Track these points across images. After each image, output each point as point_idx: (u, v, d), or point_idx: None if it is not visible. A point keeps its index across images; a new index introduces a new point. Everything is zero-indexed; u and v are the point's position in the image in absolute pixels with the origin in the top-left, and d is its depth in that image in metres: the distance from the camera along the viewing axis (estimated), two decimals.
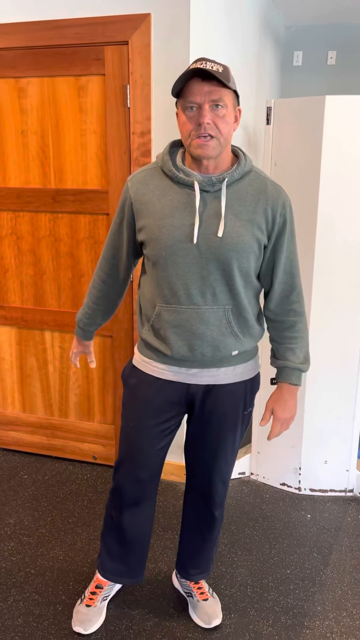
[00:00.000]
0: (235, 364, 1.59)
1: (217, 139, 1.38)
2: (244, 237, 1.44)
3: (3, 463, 2.85)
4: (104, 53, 2.27)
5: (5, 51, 2.38)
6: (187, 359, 1.55)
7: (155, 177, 1.50)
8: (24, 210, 2.56)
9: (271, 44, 4.09)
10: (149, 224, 1.48)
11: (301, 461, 2.58)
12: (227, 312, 1.50)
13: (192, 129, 1.37)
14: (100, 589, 1.90)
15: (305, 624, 1.89)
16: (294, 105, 2.25)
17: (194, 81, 1.35)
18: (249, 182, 1.47)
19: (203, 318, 1.49)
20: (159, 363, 1.59)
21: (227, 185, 1.44)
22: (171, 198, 1.46)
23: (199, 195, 1.43)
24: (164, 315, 1.51)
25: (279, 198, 1.47)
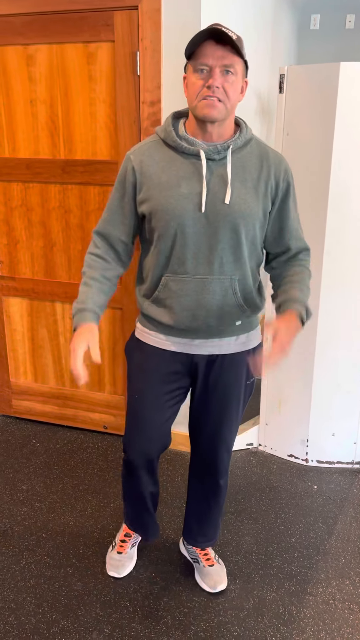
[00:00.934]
0: (238, 333, 1.62)
1: (224, 103, 1.38)
2: (250, 203, 1.46)
3: (16, 432, 2.92)
4: (114, 18, 2.22)
5: (13, 17, 2.33)
6: (191, 329, 1.57)
7: (158, 149, 1.50)
8: (34, 181, 2.55)
9: (287, 7, 3.95)
10: (154, 195, 1.47)
11: (309, 433, 2.60)
12: (234, 282, 1.52)
13: (200, 90, 1.37)
14: (129, 537, 2.01)
15: (309, 590, 1.93)
16: (307, 73, 2.19)
17: (207, 44, 1.35)
18: (251, 150, 1.50)
19: (209, 288, 1.51)
20: (162, 334, 1.62)
21: (232, 152, 1.46)
22: (177, 168, 1.46)
23: (205, 164, 1.44)
24: (171, 285, 1.53)
25: (281, 164, 1.51)
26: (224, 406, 1.69)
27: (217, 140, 1.46)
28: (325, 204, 2.28)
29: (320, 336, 2.45)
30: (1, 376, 2.98)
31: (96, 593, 1.91)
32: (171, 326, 1.58)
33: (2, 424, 2.99)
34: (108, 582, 1.96)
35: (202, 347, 1.61)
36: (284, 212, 1.54)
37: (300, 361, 2.53)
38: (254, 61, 3.13)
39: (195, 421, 1.77)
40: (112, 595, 1.90)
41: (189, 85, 1.41)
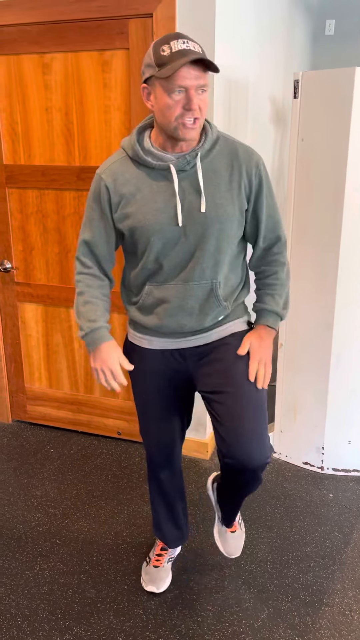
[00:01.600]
0: (223, 323, 1.63)
1: (200, 120, 1.41)
2: (226, 207, 1.48)
3: (30, 437, 2.93)
4: (128, 26, 2.23)
5: (29, 26, 2.36)
6: (176, 332, 1.60)
7: (128, 167, 1.50)
8: (49, 188, 2.57)
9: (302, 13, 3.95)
10: (132, 213, 1.49)
11: (324, 441, 2.57)
12: (215, 284, 1.54)
13: (179, 114, 1.38)
14: (166, 551, 2.00)
15: (324, 601, 1.90)
16: (322, 78, 2.18)
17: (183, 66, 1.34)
18: (220, 150, 1.50)
19: (191, 292, 1.54)
20: (151, 336, 1.65)
21: (201, 158, 1.47)
22: (149, 184, 1.48)
23: (177, 178, 1.46)
24: (155, 293, 1.56)
25: (252, 160, 1.51)
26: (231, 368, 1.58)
27: (187, 149, 1.47)
28: (340, 210, 2.26)
29: (335, 343, 2.42)
30: (16, 382, 3.00)
31: (109, 601, 1.90)
32: (157, 330, 1.61)
33: (17, 429, 3.01)
34: (121, 590, 1.95)
35: (191, 341, 1.63)
36: (259, 206, 1.54)
37: (316, 368, 2.50)
38: (269, 67, 3.13)
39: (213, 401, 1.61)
40: (125, 603, 1.89)
41: (162, 106, 1.38)
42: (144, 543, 2.17)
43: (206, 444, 2.69)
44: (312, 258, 2.38)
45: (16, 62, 2.44)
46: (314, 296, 2.42)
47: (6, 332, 2.92)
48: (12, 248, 2.75)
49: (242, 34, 2.53)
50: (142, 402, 1.75)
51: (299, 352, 2.53)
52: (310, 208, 2.34)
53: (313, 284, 2.41)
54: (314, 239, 2.36)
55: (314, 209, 2.33)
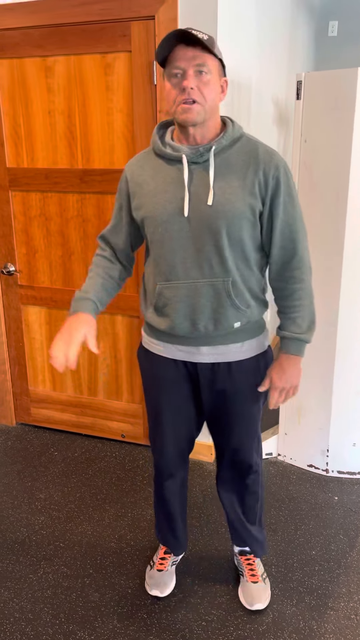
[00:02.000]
0: (242, 340, 1.59)
1: (201, 104, 1.38)
2: (235, 203, 1.43)
3: (34, 440, 2.92)
4: (131, 29, 2.23)
5: (31, 30, 2.36)
6: (192, 335, 1.56)
7: (150, 159, 1.54)
8: (52, 191, 2.57)
9: (305, 14, 3.95)
10: (145, 202, 1.51)
11: (329, 443, 2.55)
12: (226, 284, 1.50)
13: (176, 95, 1.38)
14: (169, 554, 1.99)
15: (330, 605, 1.89)
16: (324, 79, 2.17)
17: (178, 48, 1.36)
18: (239, 148, 1.47)
19: (202, 291, 1.50)
20: (165, 343, 1.62)
21: (216, 153, 1.45)
22: (164, 175, 1.48)
23: (187, 168, 1.45)
24: (165, 293, 1.54)
25: (271, 161, 1.45)
26: (237, 415, 1.67)
27: (201, 142, 1.46)
28: (344, 211, 2.25)
29: (340, 345, 2.41)
30: (20, 384, 3.00)
31: (113, 604, 1.89)
32: (172, 334, 1.58)
33: (21, 432, 3.01)
34: (125, 594, 1.94)
35: (206, 354, 1.59)
36: (275, 210, 1.47)
37: (320, 370, 2.49)
38: (271, 68, 3.12)
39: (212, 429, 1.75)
40: (129, 607, 1.88)
41: (165, 92, 1.42)
42: (148, 546, 2.16)
43: (210, 447, 2.68)
44: (316, 260, 2.37)
45: (19, 66, 2.44)
46: (317, 298, 2.41)
47: (10, 334, 2.92)
48: (16, 251, 2.75)
49: (244, 35, 2.53)
50: (153, 409, 1.72)
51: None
52: (314, 209, 2.33)
53: (317, 286, 2.40)
54: (317, 240, 2.35)
55: (317, 210, 2.32)
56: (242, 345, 1.59)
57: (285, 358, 1.58)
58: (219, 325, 1.53)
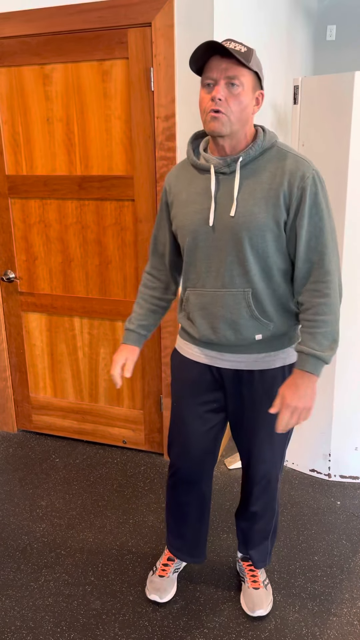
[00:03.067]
0: (268, 350, 1.57)
1: (227, 115, 1.38)
2: (257, 215, 1.42)
3: (36, 447, 2.92)
4: (127, 36, 2.24)
5: (29, 38, 2.38)
6: (213, 342, 1.59)
7: (184, 169, 1.58)
8: (51, 197, 2.58)
9: (303, 19, 3.96)
10: (178, 212, 1.56)
11: (331, 448, 2.54)
12: (247, 294, 1.50)
13: (206, 105, 1.40)
14: (172, 562, 1.98)
15: (332, 610, 1.87)
16: (322, 83, 2.18)
17: (213, 58, 1.38)
18: (269, 159, 1.45)
19: (222, 301, 1.52)
20: (193, 345, 1.66)
21: (244, 163, 1.45)
22: (195, 186, 1.52)
23: (214, 179, 1.47)
24: (192, 299, 1.58)
25: (298, 170, 1.41)
26: (258, 424, 1.66)
27: (231, 153, 1.47)
28: (342, 215, 2.25)
29: (341, 349, 2.40)
30: (21, 391, 3.00)
31: (115, 612, 1.88)
32: (197, 338, 1.62)
33: (22, 439, 3.00)
34: (127, 601, 1.93)
35: (228, 360, 1.61)
36: (300, 220, 1.42)
37: (321, 374, 2.48)
38: (269, 73, 3.13)
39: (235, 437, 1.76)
40: (131, 615, 1.87)
41: (199, 100, 1.44)
42: (150, 553, 2.15)
43: None
44: None
45: (17, 74, 2.46)
46: None
47: (11, 341, 2.92)
48: (16, 258, 2.76)
49: (242, 40, 2.54)
50: (176, 410, 1.74)
51: None
52: None
53: None
54: None
55: None
56: (266, 355, 1.58)
57: (299, 375, 1.46)
58: (238, 335, 1.54)
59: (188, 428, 1.72)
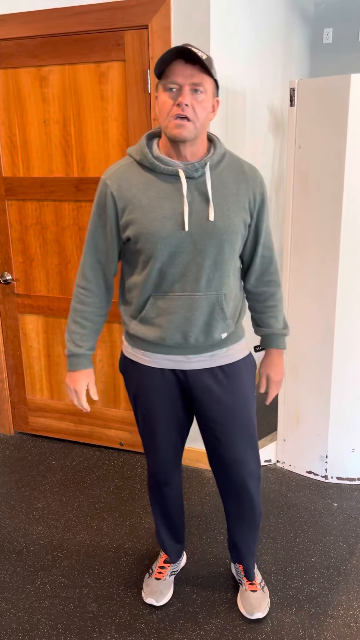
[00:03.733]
0: (227, 345, 1.63)
1: (193, 122, 1.39)
2: (233, 219, 1.48)
3: (32, 449, 2.91)
4: (124, 38, 2.24)
5: (26, 40, 2.38)
6: (181, 346, 1.57)
7: (134, 172, 1.48)
8: (48, 199, 2.58)
9: (299, 21, 3.97)
10: (138, 218, 1.46)
11: (328, 449, 2.54)
12: (220, 297, 1.53)
13: (170, 109, 1.39)
14: (169, 564, 1.98)
15: (329, 612, 1.87)
16: (318, 86, 2.18)
17: (177, 63, 1.37)
18: (227, 165, 1.51)
19: (197, 304, 1.52)
20: (151, 353, 1.61)
21: (209, 169, 1.47)
22: (156, 190, 1.45)
23: (186, 183, 1.45)
24: (160, 304, 1.53)
25: (256, 177, 1.53)
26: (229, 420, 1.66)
27: (192, 159, 1.47)
28: (338, 217, 2.25)
29: (337, 350, 2.40)
30: (18, 393, 2.99)
31: (111, 614, 1.88)
32: (160, 344, 1.58)
33: (19, 441, 3.00)
34: (123, 604, 1.92)
35: (193, 362, 1.61)
36: (260, 223, 1.56)
37: (318, 376, 2.48)
38: (265, 75, 3.13)
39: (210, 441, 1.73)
40: (127, 617, 1.87)
41: (159, 104, 1.42)
42: (147, 555, 2.15)
43: None
44: (312, 265, 2.37)
45: (14, 76, 2.46)
46: (314, 304, 2.41)
47: (7, 343, 2.92)
48: (12, 260, 2.75)
49: (238, 43, 2.54)
50: (143, 418, 1.72)
51: (301, 360, 2.52)
52: (309, 215, 2.33)
53: (313, 292, 2.40)
54: (312, 246, 2.35)
55: (312, 216, 2.32)
56: (226, 351, 1.63)
57: (276, 353, 1.73)
58: (208, 337, 1.56)
59: (159, 439, 1.73)
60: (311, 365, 2.49)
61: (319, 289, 2.38)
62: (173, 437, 1.74)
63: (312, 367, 2.49)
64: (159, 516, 1.90)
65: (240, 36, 2.58)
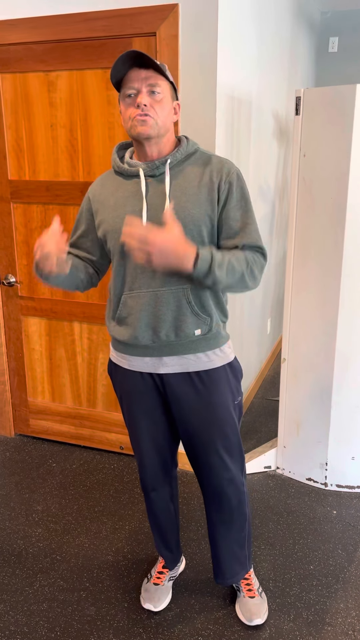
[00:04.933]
0: (205, 349, 1.60)
1: (154, 119, 1.45)
2: (191, 210, 1.49)
3: (33, 451, 2.92)
4: (132, 45, 2.26)
5: (34, 45, 2.40)
6: (154, 345, 1.58)
7: (109, 178, 1.61)
8: (53, 203, 2.59)
9: (305, 30, 4.00)
10: (105, 217, 1.56)
11: (327, 457, 2.55)
12: (186, 291, 1.53)
13: (130, 113, 1.45)
14: (167, 569, 1.98)
15: (327, 620, 1.87)
16: (323, 95, 2.20)
17: (132, 70, 1.44)
18: (194, 161, 1.54)
19: (163, 300, 1.53)
20: (129, 355, 1.64)
21: (171, 166, 1.51)
22: (123, 190, 1.54)
23: (144, 181, 1.51)
24: (129, 302, 1.56)
25: (223, 167, 1.52)
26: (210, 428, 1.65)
27: (157, 158, 1.53)
28: (342, 226, 2.26)
29: (338, 358, 2.41)
30: (19, 395, 3.00)
31: (109, 619, 1.88)
32: (134, 344, 1.59)
33: (20, 443, 3.00)
34: (121, 608, 1.92)
35: (170, 365, 1.61)
36: (228, 212, 1.51)
37: (319, 383, 2.49)
38: (271, 83, 3.15)
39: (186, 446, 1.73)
40: (125, 621, 1.87)
41: (122, 113, 1.49)
42: (145, 560, 2.15)
43: None
44: (315, 273, 2.39)
45: (22, 80, 2.48)
46: (316, 311, 2.42)
47: (10, 345, 2.93)
48: (17, 262, 2.77)
49: (245, 51, 2.56)
50: (129, 422, 1.74)
51: (302, 367, 2.53)
52: (313, 223, 2.34)
53: (315, 299, 2.41)
54: (316, 253, 2.36)
55: (316, 224, 2.33)
56: (205, 355, 1.61)
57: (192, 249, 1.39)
58: (180, 333, 1.55)
59: (142, 443, 1.74)
60: (312, 372, 2.50)
61: (321, 296, 2.39)
62: (158, 442, 1.74)
63: (314, 375, 2.50)
64: (151, 521, 1.91)
65: (247, 44, 2.60)
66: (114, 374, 1.73)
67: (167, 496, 1.85)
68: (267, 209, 3.35)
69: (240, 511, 1.78)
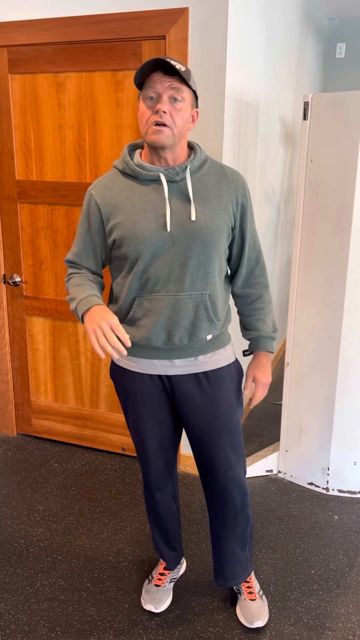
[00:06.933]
0: (212, 350, 1.64)
1: (171, 129, 1.44)
2: (216, 219, 1.52)
3: (35, 451, 2.92)
4: (142, 48, 2.27)
5: (44, 46, 2.41)
6: (166, 347, 1.59)
7: (117, 181, 1.55)
8: (60, 204, 2.60)
9: (313, 36, 4.01)
10: (122, 222, 1.51)
11: (330, 461, 2.55)
12: (204, 297, 1.55)
13: (149, 117, 1.44)
14: (168, 571, 1.98)
15: (328, 625, 1.87)
16: (332, 100, 2.21)
17: (156, 74, 1.43)
18: (208, 169, 1.55)
19: (181, 304, 1.54)
20: (138, 358, 1.64)
21: (190, 173, 1.52)
22: (139, 195, 1.51)
23: (167, 186, 1.50)
24: (145, 304, 1.55)
25: (239, 180, 1.57)
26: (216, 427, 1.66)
27: (173, 164, 1.52)
28: (348, 231, 2.27)
29: (342, 362, 2.41)
30: (22, 395, 3.01)
31: (110, 619, 1.88)
32: (146, 345, 1.59)
33: (22, 442, 3.01)
34: (122, 609, 1.93)
35: (180, 367, 1.62)
36: (244, 225, 1.60)
37: (322, 388, 2.49)
38: (279, 89, 3.16)
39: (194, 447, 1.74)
40: (125, 622, 1.87)
41: (139, 113, 1.48)
42: (146, 561, 2.15)
43: None
44: (320, 277, 2.39)
45: (31, 81, 2.49)
46: (320, 315, 2.42)
47: (14, 345, 2.94)
48: (22, 262, 2.78)
49: (254, 55, 2.57)
50: (134, 424, 1.74)
51: (305, 372, 2.53)
52: (319, 228, 2.35)
53: (320, 304, 2.41)
54: (321, 258, 2.37)
55: (322, 229, 2.34)
56: (213, 355, 1.64)
57: (264, 356, 1.73)
58: (193, 338, 1.57)
59: (149, 444, 1.74)
60: (316, 376, 2.50)
61: (326, 301, 2.39)
62: (164, 443, 1.75)
63: (317, 379, 2.50)
64: (153, 522, 1.91)
65: (256, 49, 2.61)
66: (117, 377, 1.72)
67: (170, 495, 1.86)
68: (272, 213, 3.36)
69: (244, 513, 1.78)
